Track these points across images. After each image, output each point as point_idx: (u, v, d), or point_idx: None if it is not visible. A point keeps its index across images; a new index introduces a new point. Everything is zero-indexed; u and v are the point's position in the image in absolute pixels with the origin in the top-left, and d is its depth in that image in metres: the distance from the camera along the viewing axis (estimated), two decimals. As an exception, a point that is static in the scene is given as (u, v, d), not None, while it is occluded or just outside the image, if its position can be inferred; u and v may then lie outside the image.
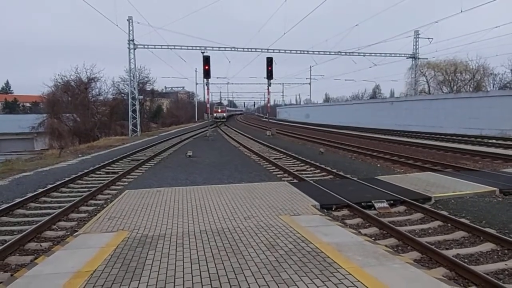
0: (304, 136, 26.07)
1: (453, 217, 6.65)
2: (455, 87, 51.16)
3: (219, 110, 61.20)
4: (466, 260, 4.99)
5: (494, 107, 27.17)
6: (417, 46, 38.67)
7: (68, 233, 6.51)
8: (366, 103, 50.15)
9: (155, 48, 31.79)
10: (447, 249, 5.43)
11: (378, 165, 13.14)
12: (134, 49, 31.94)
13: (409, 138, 23.91)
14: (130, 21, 31.55)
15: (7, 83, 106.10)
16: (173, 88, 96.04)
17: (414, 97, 39.17)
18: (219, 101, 75.67)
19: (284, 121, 67.40)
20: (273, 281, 3.70)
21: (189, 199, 7.89)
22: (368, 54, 36.13)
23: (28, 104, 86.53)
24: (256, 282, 3.71)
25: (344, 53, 35.65)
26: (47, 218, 7.08)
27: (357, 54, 35.80)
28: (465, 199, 7.88)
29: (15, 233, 6.58)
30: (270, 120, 37.49)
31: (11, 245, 5.69)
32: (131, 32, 31.68)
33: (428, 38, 36.81)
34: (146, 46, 31.74)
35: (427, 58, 42.38)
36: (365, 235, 6.00)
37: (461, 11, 24.75)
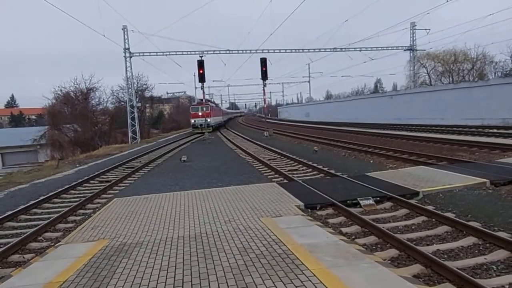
0: (301, 135, 25.98)
1: (438, 211, 6.56)
2: (456, 77, 50.66)
3: (200, 114, 36.33)
4: (445, 256, 4.92)
5: (495, 96, 26.85)
6: (414, 38, 38.37)
7: (53, 244, 6.53)
8: (365, 99, 49.94)
9: (150, 55, 31.97)
10: (428, 245, 5.36)
11: (371, 161, 13.03)
12: (130, 57, 32.12)
13: (408, 132, 23.70)
14: (125, 30, 31.74)
15: (12, 97, 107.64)
16: (175, 94, 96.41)
17: (414, 89, 38.85)
18: (201, 100, 41.18)
19: (285, 121, 67.30)
20: (235, 286, 3.67)
21: (174, 204, 7.89)
22: (364, 49, 35.94)
23: (33, 117, 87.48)
24: (218, 287, 3.68)
25: (339, 49, 35.49)
26: (32, 230, 7.13)
27: (353, 49, 35.62)
28: (454, 193, 7.77)
29: (1, 246, 6.61)
30: (268, 121, 37.39)
31: (-8, 259, 5.74)
32: (126, 40, 31.89)
33: (425, 29, 36.52)
34: (141, 54, 31.93)
35: (425, 50, 42.07)
36: (346, 233, 5.96)
37: (447, 1, 24.43)
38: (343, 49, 35.49)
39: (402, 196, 7.58)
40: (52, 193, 10.72)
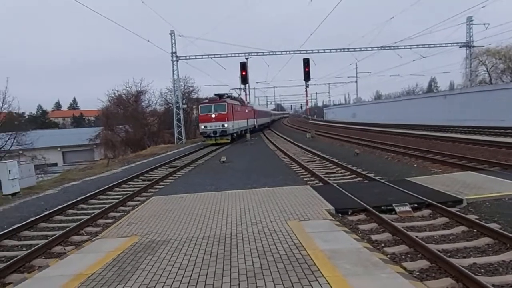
0: (344, 137, 25.28)
1: (480, 222, 6.04)
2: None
3: (213, 116, 25.70)
4: (482, 270, 4.52)
5: None
6: (471, 34, 35.65)
7: (92, 237, 6.96)
8: (415, 99, 47.40)
9: (196, 58, 33.04)
10: (464, 257, 4.96)
11: (415, 165, 12.34)
12: (177, 60, 33.43)
13: (462, 134, 22.11)
14: (173, 34, 33.10)
15: (74, 100, 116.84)
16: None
17: (470, 89, 36.11)
18: (218, 95, 28.68)
19: (331, 122, 65.88)
20: (246, 288, 3.67)
21: (207, 205, 8.05)
22: (415, 46, 34.06)
23: (92, 118, 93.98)
24: (230, 288, 3.70)
25: (388, 47, 33.97)
26: (75, 224, 7.67)
27: (403, 47, 33.93)
28: (503, 201, 7.13)
29: (48, 237, 7.18)
30: (312, 122, 36.86)
31: (38, 249, 6.26)
32: (173, 45, 33.25)
33: (484, 24, 33.77)
34: (187, 57, 33.12)
35: (483, 46, 38.86)
36: (375, 241, 5.70)
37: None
38: (392, 47, 33.94)
39: (443, 203, 7.09)
40: (99, 190, 11.45)
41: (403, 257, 5.06)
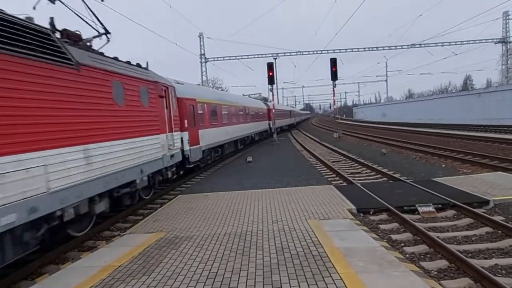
0: (372, 137, 24.86)
1: (506, 223, 5.88)
2: None
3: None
4: (503, 272, 4.45)
5: None
6: (507, 29, 33.92)
7: (121, 233, 7.37)
8: (449, 97, 45.56)
9: (224, 59, 33.59)
10: (485, 258, 4.88)
11: (443, 166, 12.01)
12: (206, 62, 34.13)
13: (497, 134, 21.19)
14: (201, 37, 33.88)
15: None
16: (250, 95, 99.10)
17: (506, 86, 34.35)
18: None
19: (359, 122, 64.67)
20: (261, 282, 3.83)
21: (230, 203, 8.28)
22: (447, 44, 32.84)
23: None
24: (246, 282, 3.87)
25: (418, 45, 33.01)
26: (107, 221, 8.12)
27: (434, 44, 32.80)
28: (533, 203, 6.87)
29: (81, 232, 7.65)
30: (340, 121, 36.40)
31: (72, 242, 6.73)
32: (202, 47, 33.97)
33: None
34: (215, 59, 33.74)
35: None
36: (395, 241, 5.70)
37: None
38: (422, 45, 32.96)
39: (468, 204, 6.94)
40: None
41: (422, 256, 5.05)
